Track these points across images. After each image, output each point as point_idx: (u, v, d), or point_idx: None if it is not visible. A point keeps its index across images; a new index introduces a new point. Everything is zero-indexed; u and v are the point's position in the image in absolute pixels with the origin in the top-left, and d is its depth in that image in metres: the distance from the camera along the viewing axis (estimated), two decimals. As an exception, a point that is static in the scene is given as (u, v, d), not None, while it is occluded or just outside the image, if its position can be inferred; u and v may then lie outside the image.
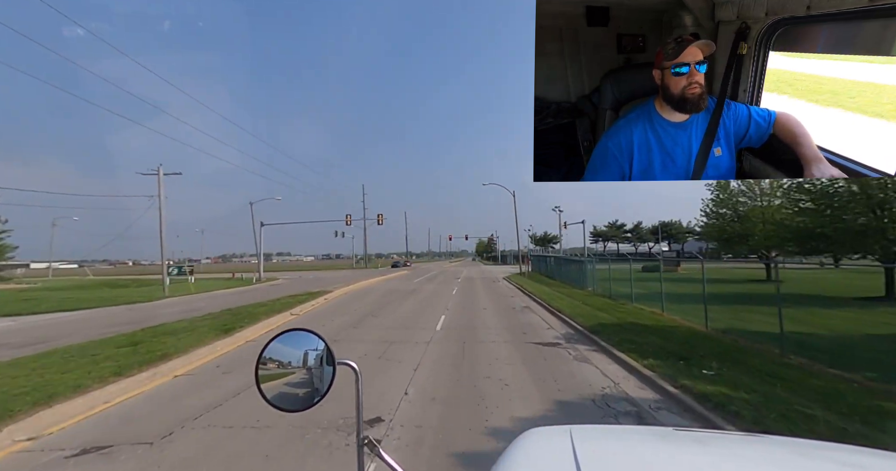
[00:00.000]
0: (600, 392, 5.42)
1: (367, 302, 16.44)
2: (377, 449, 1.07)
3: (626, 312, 11.45)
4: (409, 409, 4.86)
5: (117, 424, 4.70)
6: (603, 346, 7.83)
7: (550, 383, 5.80)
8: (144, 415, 4.91)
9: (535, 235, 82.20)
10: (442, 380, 5.98)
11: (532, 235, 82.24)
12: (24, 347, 8.64)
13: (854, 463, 1.02)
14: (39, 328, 12.02)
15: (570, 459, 0.98)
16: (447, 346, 8.20)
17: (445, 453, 3.73)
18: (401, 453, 3.70)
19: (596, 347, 7.98)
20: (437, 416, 4.63)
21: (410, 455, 3.70)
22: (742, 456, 1.11)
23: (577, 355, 7.41)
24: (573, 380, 5.94)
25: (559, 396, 5.29)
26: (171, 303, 18.77)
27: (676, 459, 1.05)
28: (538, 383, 5.78)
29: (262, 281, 33.95)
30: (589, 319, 10.26)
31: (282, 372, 1.16)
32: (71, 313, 15.66)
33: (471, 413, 4.70)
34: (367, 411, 4.66)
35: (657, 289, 12.12)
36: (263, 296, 18.88)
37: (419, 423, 4.45)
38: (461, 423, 4.43)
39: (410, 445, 3.92)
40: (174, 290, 23.84)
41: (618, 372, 6.35)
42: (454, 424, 4.42)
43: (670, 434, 1.31)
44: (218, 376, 6.49)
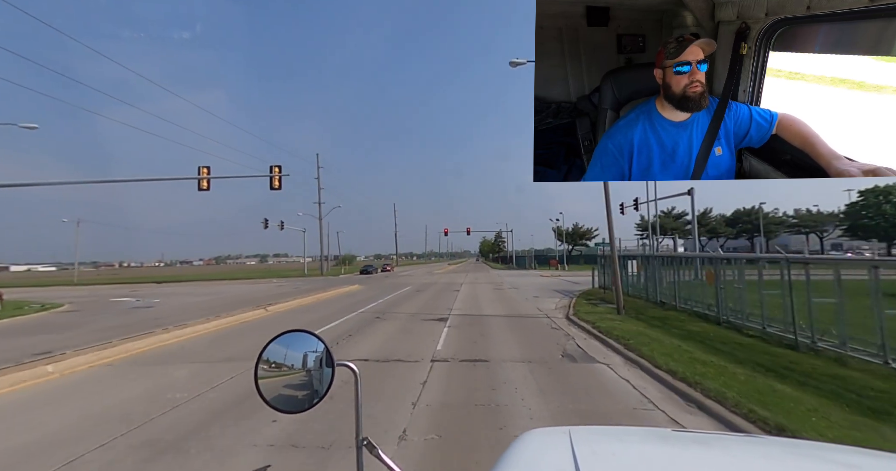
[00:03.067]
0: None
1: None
2: (376, 450, 1.07)
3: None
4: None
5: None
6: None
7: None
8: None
9: (562, 229, 62.44)
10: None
11: (558, 229, 63.07)
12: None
13: (853, 464, 1.02)
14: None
15: (570, 460, 0.98)
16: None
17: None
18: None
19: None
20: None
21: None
22: (741, 457, 1.11)
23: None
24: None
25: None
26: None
27: (676, 460, 1.05)
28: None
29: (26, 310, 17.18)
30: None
31: (281, 373, 1.16)
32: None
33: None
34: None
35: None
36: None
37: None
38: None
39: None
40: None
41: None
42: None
43: (669, 435, 1.31)
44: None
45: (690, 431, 1.34)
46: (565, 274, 35.42)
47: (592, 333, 9.17)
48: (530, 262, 61.59)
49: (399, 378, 6.18)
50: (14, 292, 26.65)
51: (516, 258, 70.50)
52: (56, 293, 28.86)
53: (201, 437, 4.23)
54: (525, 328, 10.18)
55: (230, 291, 27.09)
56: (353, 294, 21.51)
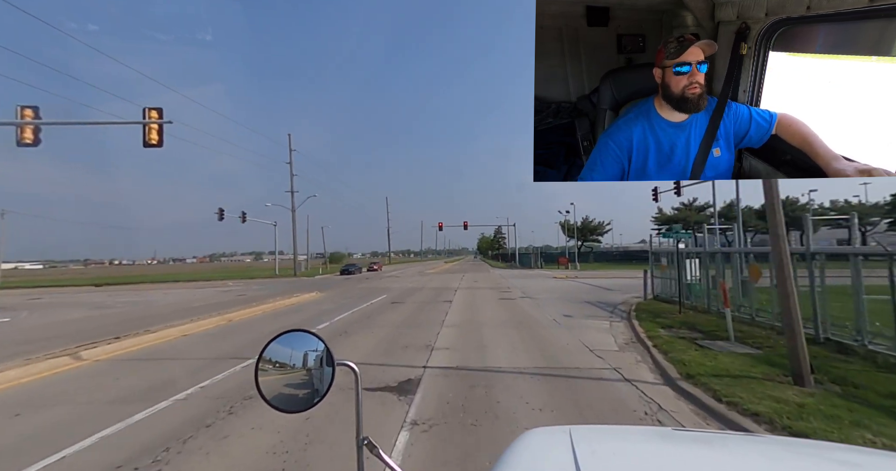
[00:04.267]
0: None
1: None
2: (377, 450, 1.08)
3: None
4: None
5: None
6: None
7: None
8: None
9: (572, 224, 55.32)
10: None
11: (565, 223, 56.86)
12: None
13: (853, 463, 1.03)
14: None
15: (570, 459, 0.99)
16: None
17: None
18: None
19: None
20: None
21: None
22: (742, 456, 1.12)
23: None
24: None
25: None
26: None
27: (676, 459, 1.06)
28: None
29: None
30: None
31: (281, 373, 1.17)
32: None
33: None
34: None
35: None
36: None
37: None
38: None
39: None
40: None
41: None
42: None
43: (670, 434, 1.32)
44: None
45: (690, 430, 1.35)
46: (581, 275, 30.73)
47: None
48: (536, 260, 53.16)
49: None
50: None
51: (519, 256, 62.45)
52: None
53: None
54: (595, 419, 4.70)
55: (150, 300, 22.12)
56: (301, 308, 16.07)
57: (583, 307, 13.75)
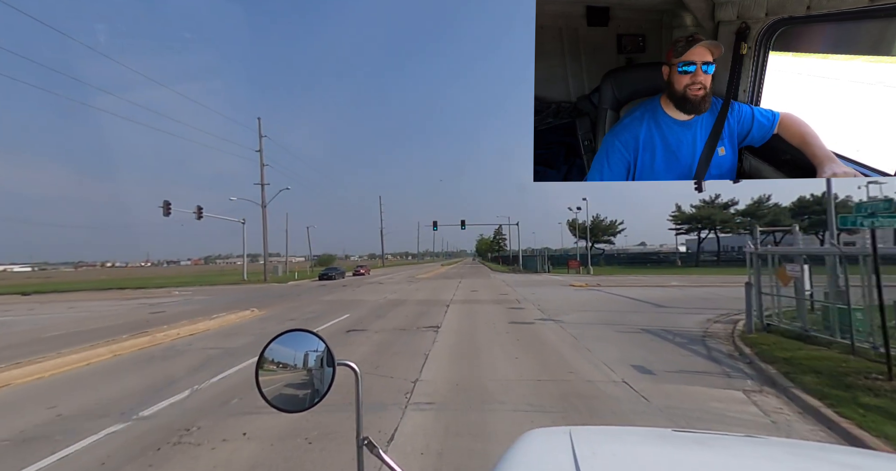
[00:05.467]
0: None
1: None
2: (377, 450, 1.08)
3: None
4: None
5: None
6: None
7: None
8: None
9: (578, 222, 49.16)
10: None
11: (572, 222, 50.98)
12: None
13: (853, 464, 1.03)
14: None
15: (570, 460, 0.99)
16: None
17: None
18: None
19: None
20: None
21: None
22: (742, 457, 1.12)
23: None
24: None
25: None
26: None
27: (676, 460, 1.06)
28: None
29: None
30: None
31: (282, 373, 1.17)
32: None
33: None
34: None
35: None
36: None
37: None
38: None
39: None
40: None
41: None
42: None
43: (670, 435, 1.32)
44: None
45: (691, 431, 1.34)
46: (601, 281, 24.34)
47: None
48: (543, 263, 45.96)
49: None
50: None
51: (524, 259, 54.38)
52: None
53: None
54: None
55: (39, 320, 14.97)
56: (176, 352, 8.46)
57: (649, 343, 8.01)
